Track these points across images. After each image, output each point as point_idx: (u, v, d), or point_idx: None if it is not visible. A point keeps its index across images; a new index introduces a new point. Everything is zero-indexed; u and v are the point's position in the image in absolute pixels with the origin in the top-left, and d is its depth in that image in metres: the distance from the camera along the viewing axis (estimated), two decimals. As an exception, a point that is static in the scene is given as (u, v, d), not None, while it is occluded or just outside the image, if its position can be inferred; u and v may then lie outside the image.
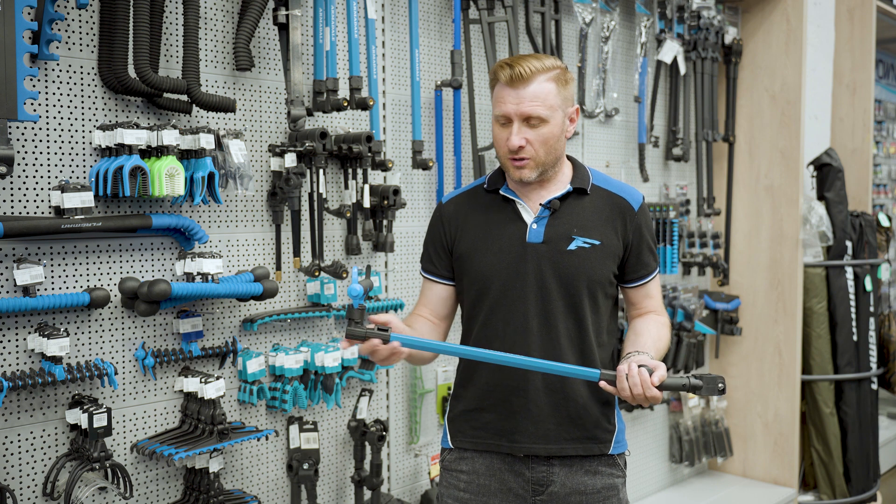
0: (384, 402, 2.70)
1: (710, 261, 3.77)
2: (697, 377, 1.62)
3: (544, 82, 1.71)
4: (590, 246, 1.77)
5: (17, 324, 1.87)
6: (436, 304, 1.90)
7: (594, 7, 3.26)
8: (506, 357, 1.66)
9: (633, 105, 3.58)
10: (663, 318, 1.89)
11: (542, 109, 1.71)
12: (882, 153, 5.83)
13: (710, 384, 1.61)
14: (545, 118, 1.71)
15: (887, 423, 5.23)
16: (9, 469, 1.88)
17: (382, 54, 2.65)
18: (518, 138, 1.71)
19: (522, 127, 1.72)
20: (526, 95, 1.70)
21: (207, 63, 2.19)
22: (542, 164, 1.74)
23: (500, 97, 1.74)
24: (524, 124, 1.72)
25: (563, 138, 1.77)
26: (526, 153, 1.72)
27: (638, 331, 1.84)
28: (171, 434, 2.12)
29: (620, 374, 1.62)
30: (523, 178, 1.75)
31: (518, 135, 1.71)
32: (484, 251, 1.80)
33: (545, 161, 1.75)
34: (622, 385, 1.62)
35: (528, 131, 1.72)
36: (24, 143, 1.86)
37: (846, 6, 4.37)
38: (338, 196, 2.50)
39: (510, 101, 1.71)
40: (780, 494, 3.81)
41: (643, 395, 1.60)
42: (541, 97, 1.71)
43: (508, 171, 1.78)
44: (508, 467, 1.82)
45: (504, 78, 1.71)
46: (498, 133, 1.76)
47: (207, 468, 2.12)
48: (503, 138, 1.74)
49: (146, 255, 2.08)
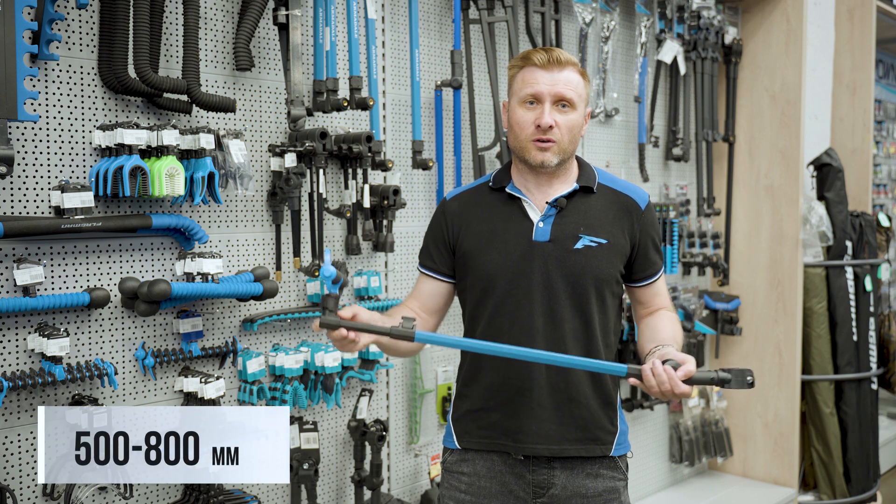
0: (384, 402, 2.70)
1: (710, 261, 3.78)
2: (726, 370, 1.59)
3: (575, 73, 1.76)
4: (596, 245, 1.77)
5: (17, 324, 1.87)
6: (427, 299, 1.89)
7: (594, 7, 3.26)
8: (534, 353, 1.63)
9: (633, 105, 3.58)
10: (674, 314, 1.88)
11: (574, 94, 1.75)
12: (882, 153, 5.83)
13: (739, 377, 1.58)
14: (575, 104, 1.75)
15: (887, 423, 5.23)
16: (9, 469, 1.88)
17: (382, 54, 2.65)
18: (549, 117, 1.72)
19: (553, 109, 1.73)
20: (560, 79, 1.74)
21: (207, 63, 2.19)
22: (563, 151, 1.75)
23: (530, 79, 1.75)
24: (554, 107, 1.73)
25: (580, 134, 1.79)
26: (553, 135, 1.73)
27: (654, 327, 1.82)
28: (171, 434, 2.12)
29: (646, 372, 1.59)
30: (545, 163, 1.74)
31: (549, 115, 1.73)
32: (489, 249, 1.79)
33: (567, 149, 1.76)
34: (649, 382, 1.58)
35: (557, 115, 1.74)
36: (24, 143, 1.86)
37: (846, 6, 4.37)
38: (338, 196, 2.50)
39: (544, 81, 1.73)
40: (780, 494, 3.82)
41: (671, 392, 1.57)
42: (573, 83, 1.75)
43: (529, 155, 1.76)
44: (509, 469, 1.81)
45: (540, 61, 1.74)
46: (522, 115, 1.75)
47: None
48: (529, 119, 1.74)
49: (146, 255, 2.08)
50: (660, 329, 1.80)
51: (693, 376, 1.58)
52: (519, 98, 1.76)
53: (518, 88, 1.77)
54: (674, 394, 1.58)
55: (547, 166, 1.75)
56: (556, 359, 1.64)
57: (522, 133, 1.76)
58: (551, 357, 1.64)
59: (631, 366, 1.61)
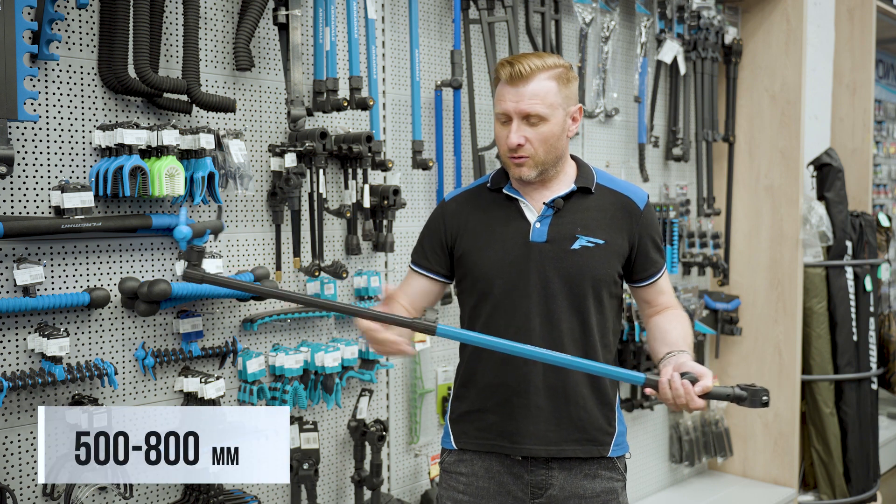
0: (384, 402, 2.70)
1: (710, 261, 3.77)
2: (743, 388, 1.57)
3: (545, 80, 1.71)
4: (594, 245, 1.76)
5: (17, 324, 1.87)
6: (416, 296, 1.88)
7: (594, 7, 3.26)
8: (553, 356, 1.62)
9: (633, 105, 3.58)
10: (681, 312, 1.87)
11: (542, 108, 1.70)
12: (882, 153, 5.83)
13: (755, 396, 1.56)
14: (545, 116, 1.71)
15: (887, 423, 5.23)
16: (9, 469, 1.88)
17: (382, 54, 2.65)
18: (517, 136, 1.71)
19: (522, 125, 1.71)
20: (525, 93, 1.70)
21: (207, 63, 2.19)
22: (541, 162, 1.74)
23: (500, 95, 1.74)
24: (524, 122, 1.71)
25: (565, 137, 1.77)
26: (525, 151, 1.72)
27: (664, 328, 1.81)
28: (171, 434, 2.12)
29: (663, 385, 1.59)
30: (522, 177, 1.75)
31: (517, 133, 1.71)
32: (486, 250, 1.79)
33: (545, 160, 1.74)
34: (665, 395, 1.59)
35: (528, 129, 1.71)
36: (24, 143, 1.86)
37: (846, 6, 4.37)
38: (338, 196, 2.50)
39: (510, 98, 1.71)
40: (780, 494, 3.81)
41: (686, 405, 1.58)
42: (540, 95, 1.70)
43: (509, 170, 1.78)
44: (507, 470, 1.81)
45: (504, 76, 1.72)
46: (498, 131, 1.76)
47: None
48: (503, 136, 1.74)
49: (146, 255, 2.08)
50: (668, 330, 1.80)
51: (710, 391, 1.57)
52: (495, 113, 1.77)
53: (495, 103, 1.78)
54: (688, 407, 1.58)
55: (526, 179, 1.76)
56: (576, 363, 1.63)
57: (501, 149, 1.77)
58: (571, 361, 1.63)
59: (649, 377, 1.60)
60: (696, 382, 1.57)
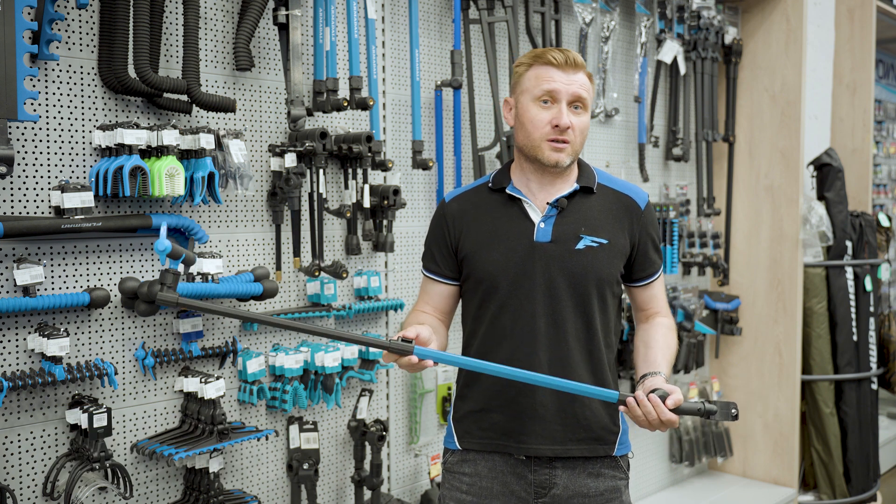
0: (384, 402, 2.70)
1: (710, 261, 3.77)
2: (711, 402, 1.63)
3: (586, 76, 1.77)
4: (598, 245, 1.77)
5: (17, 324, 1.87)
6: (438, 302, 1.89)
7: (594, 7, 3.26)
8: (529, 375, 1.64)
9: (633, 105, 3.58)
10: (669, 321, 1.89)
11: (588, 97, 1.76)
12: (882, 153, 5.83)
13: (724, 410, 1.62)
14: (587, 105, 1.76)
15: (887, 423, 5.23)
16: (9, 469, 1.88)
17: (382, 54, 2.65)
18: (568, 118, 1.72)
19: (567, 110, 1.73)
20: (577, 79, 1.74)
21: (207, 63, 2.19)
22: (575, 152, 1.77)
23: (545, 76, 1.74)
24: (569, 108, 1.74)
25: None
26: (569, 136, 1.74)
27: (647, 343, 1.83)
28: (171, 434, 2.12)
29: (631, 403, 1.63)
30: (559, 163, 1.74)
31: (567, 115, 1.73)
32: (491, 250, 1.79)
33: (578, 150, 1.77)
34: (635, 412, 1.63)
35: (572, 116, 1.74)
36: (24, 143, 1.86)
37: (846, 6, 4.37)
38: (338, 196, 2.50)
39: (560, 80, 1.73)
40: (780, 494, 3.82)
41: (658, 420, 1.61)
42: (586, 86, 1.76)
43: (542, 154, 1.75)
44: (511, 469, 1.81)
45: (556, 60, 1.73)
46: (537, 114, 1.74)
47: (207, 468, 2.12)
48: (544, 119, 1.73)
49: (146, 255, 2.08)
50: (652, 346, 1.82)
51: (680, 405, 1.62)
52: (533, 95, 1.75)
53: (531, 85, 1.75)
54: (661, 421, 1.61)
55: (560, 166, 1.76)
56: (550, 382, 1.65)
57: (536, 132, 1.74)
58: (547, 380, 1.64)
59: (621, 393, 1.65)
60: (666, 399, 1.62)
